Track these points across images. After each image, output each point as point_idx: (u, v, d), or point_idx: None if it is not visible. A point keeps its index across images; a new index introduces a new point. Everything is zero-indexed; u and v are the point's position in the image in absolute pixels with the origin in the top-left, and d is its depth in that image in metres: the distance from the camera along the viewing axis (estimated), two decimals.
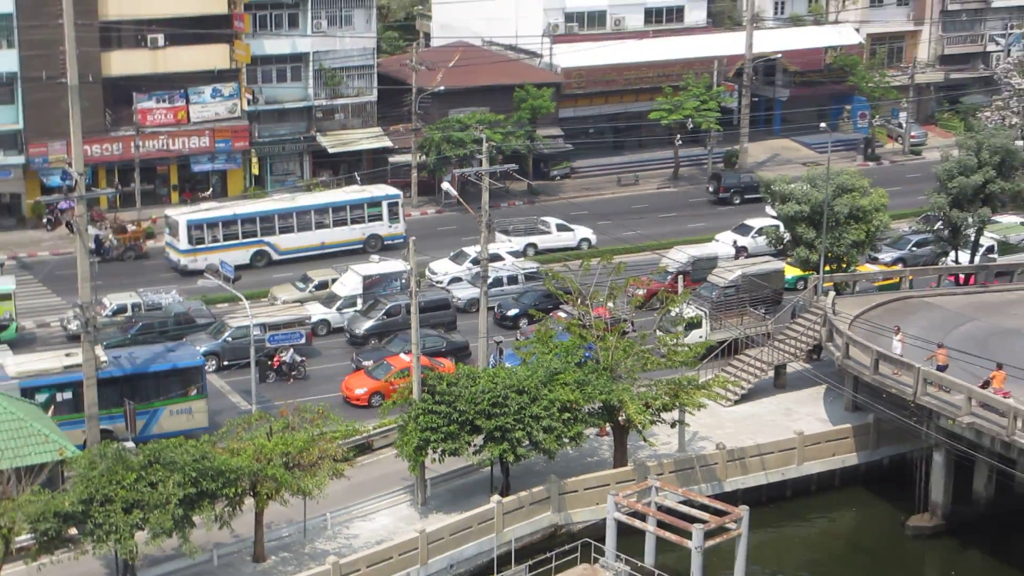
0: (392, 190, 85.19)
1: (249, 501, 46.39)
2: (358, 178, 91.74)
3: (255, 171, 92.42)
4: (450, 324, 68.98)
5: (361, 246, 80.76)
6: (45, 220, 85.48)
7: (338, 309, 69.71)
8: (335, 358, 66.47)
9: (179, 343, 61.15)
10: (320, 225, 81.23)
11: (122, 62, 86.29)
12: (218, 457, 45.32)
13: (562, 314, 65.52)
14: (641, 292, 65.04)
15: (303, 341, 65.10)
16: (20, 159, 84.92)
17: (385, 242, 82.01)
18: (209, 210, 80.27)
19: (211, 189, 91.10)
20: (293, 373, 63.19)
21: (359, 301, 69.99)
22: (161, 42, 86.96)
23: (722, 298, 65.39)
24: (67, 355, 55.91)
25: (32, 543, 43.32)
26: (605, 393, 51.28)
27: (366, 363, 63.48)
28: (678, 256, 74.09)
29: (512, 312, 69.46)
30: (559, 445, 50.45)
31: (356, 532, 49.78)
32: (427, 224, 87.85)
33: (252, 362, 57.28)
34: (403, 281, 70.42)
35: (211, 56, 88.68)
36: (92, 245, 77.17)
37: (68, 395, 54.25)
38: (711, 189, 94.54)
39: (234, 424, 49.59)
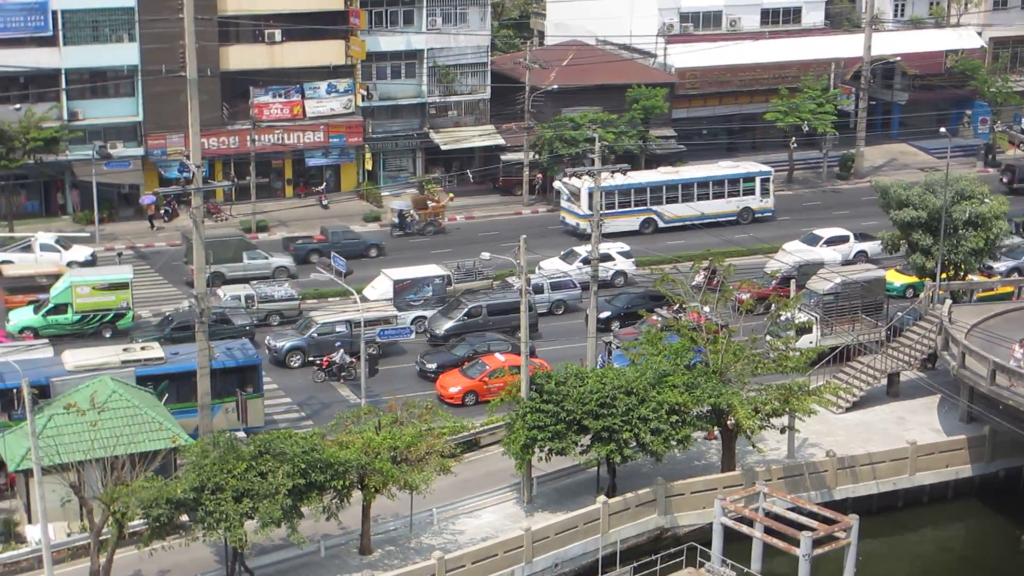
0: (765, 167, 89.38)
1: (357, 494, 46.64)
2: (470, 176, 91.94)
3: (368, 166, 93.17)
4: (531, 326, 68.39)
5: (735, 218, 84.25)
6: (162, 211, 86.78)
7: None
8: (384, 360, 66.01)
9: (239, 341, 61.56)
10: (701, 197, 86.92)
11: (240, 57, 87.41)
12: (327, 449, 45.65)
13: (655, 317, 65.36)
14: (746, 296, 64.40)
15: (412, 336, 65.38)
16: (139, 151, 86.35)
17: (756, 215, 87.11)
18: (606, 179, 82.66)
19: (324, 184, 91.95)
20: (343, 374, 63.15)
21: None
22: (278, 37, 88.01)
23: (821, 305, 64.44)
24: (124, 349, 56.44)
25: (144, 528, 43.94)
26: (714, 396, 50.87)
27: (430, 365, 63.43)
28: (784, 260, 73.38)
29: (604, 315, 68.85)
30: (666, 447, 50.13)
31: (462, 528, 49.86)
32: (538, 222, 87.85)
33: (363, 357, 57.49)
34: (435, 285, 70.05)
35: (327, 52, 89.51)
36: (395, 220, 79.51)
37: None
38: (1004, 180, 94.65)
39: (343, 417, 49.94)
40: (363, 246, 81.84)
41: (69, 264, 74.80)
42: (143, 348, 56.61)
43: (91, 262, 76.12)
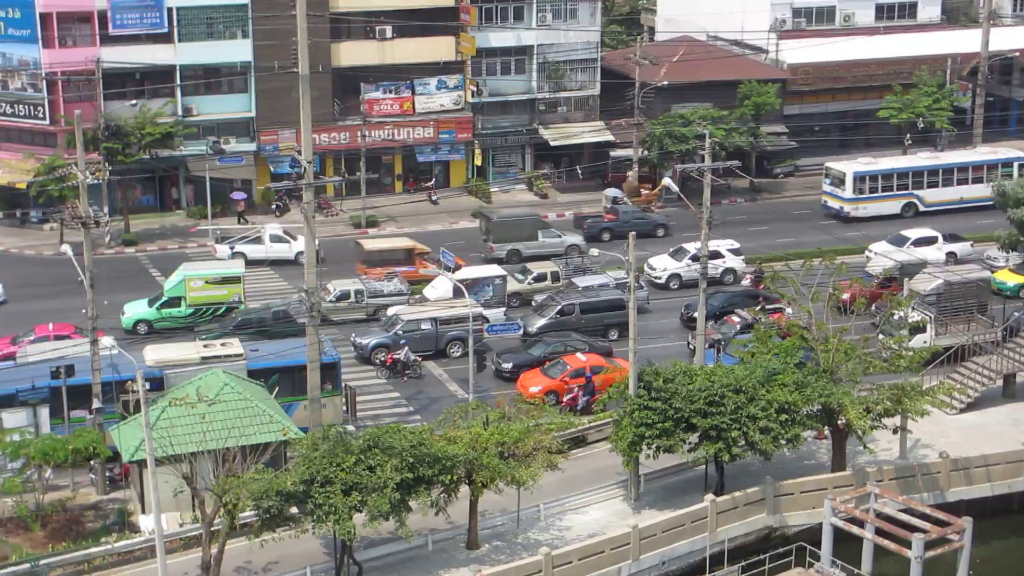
0: (1020, 153, 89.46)
1: (464, 489, 46.75)
2: (579, 172, 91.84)
3: (478, 162, 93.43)
4: (624, 325, 67.97)
5: (992, 203, 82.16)
6: (274, 206, 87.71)
7: None
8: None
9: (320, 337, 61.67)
10: (960, 182, 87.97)
11: (351, 53, 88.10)
12: (435, 444, 45.79)
13: (735, 318, 64.66)
14: (846, 296, 63.40)
15: (520, 332, 65.42)
16: (252, 146, 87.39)
17: None
18: (868, 164, 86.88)
19: (434, 179, 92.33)
20: (407, 372, 63.04)
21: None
22: (389, 34, 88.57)
23: (923, 306, 63.29)
24: (204, 346, 56.91)
25: (255, 520, 44.42)
26: (825, 396, 50.25)
27: (506, 364, 63.22)
28: (885, 260, 72.30)
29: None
30: (775, 446, 49.65)
31: (569, 524, 49.78)
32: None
33: (471, 352, 57.62)
34: (495, 286, 69.61)
35: (437, 48, 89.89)
36: (607, 207, 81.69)
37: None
38: None
39: (451, 412, 50.09)
40: (651, 225, 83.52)
41: (298, 255, 76.57)
42: (223, 344, 57.15)
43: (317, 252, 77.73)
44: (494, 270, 71.36)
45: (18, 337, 63.12)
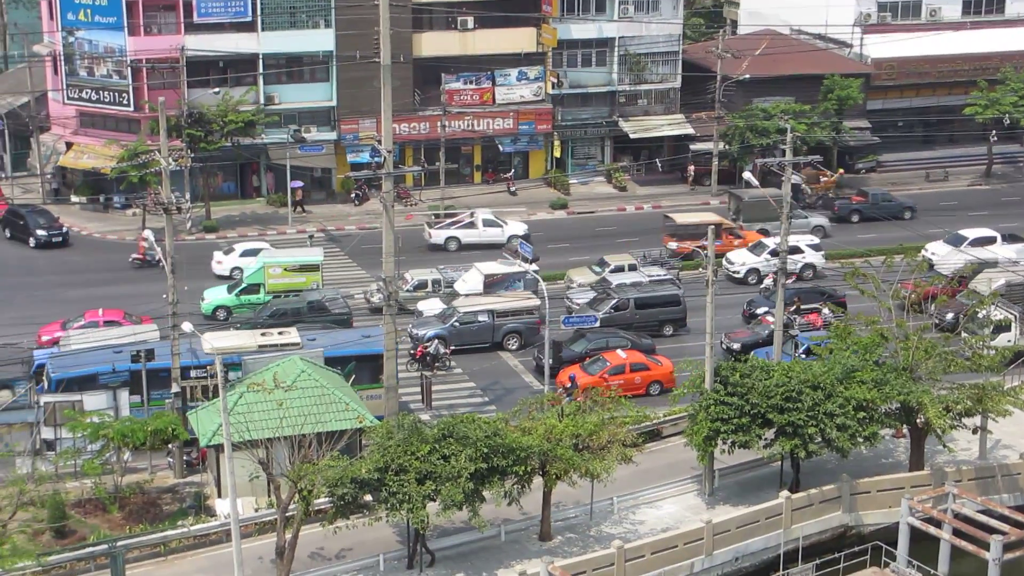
0: None
1: (538, 480, 46.76)
2: (659, 164, 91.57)
3: (557, 154, 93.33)
4: (679, 321, 67.56)
5: None
6: (353, 195, 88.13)
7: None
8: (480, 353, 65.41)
9: (372, 328, 61.87)
10: None
11: (432, 43, 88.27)
12: (510, 435, 45.78)
13: (770, 318, 64.21)
14: (912, 294, 62.40)
15: (596, 324, 65.27)
16: (332, 135, 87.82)
17: None
18: None
19: (513, 170, 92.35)
20: (436, 364, 62.71)
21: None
22: (471, 24, 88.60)
23: (1007, 305, 62.28)
24: (262, 334, 57.10)
25: (329, 506, 44.70)
26: (904, 394, 49.71)
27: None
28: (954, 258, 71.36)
29: (761, 310, 67.62)
30: (853, 444, 49.17)
31: (642, 518, 49.63)
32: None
33: (546, 344, 57.52)
34: (526, 281, 69.03)
35: (519, 39, 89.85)
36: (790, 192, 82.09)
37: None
38: None
39: (526, 403, 50.07)
40: (899, 208, 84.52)
41: (510, 238, 78.79)
42: (280, 333, 57.41)
43: (527, 236, 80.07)
44: (524, 267, 71.08)
45: (68, 322, 63.83)
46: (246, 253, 74.39)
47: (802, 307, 66.60)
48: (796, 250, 72.53)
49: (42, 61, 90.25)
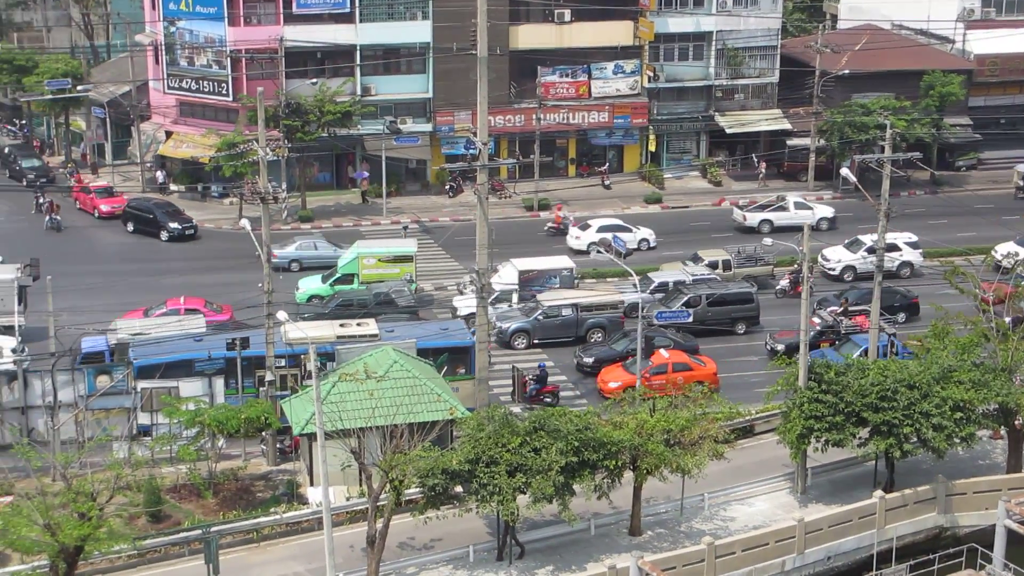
0: None
1: (628, 475, 46.64)
2: (755, 160, 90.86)
3: (652, 148, 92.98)
4: (752, 319, 66.79)
5: None
6: (448, 187, 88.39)
7: (491, 304, 67.82)
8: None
9: (453, 321, 61.51)
10: None
11: (529, 36, 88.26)
12: (601, 429, 45.71)
13: (816, 319, 63.41)
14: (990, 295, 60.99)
15: (690, 320, 64.91)
16: (427, 127, 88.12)
17: None
18: None
19: (607, 164, 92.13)
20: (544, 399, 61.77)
21: (515, 296, 68.06)
22: (567, 17, 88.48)
23: None
24: (340, 325, 57.26)
25: (420, 497, 44.88)
26: (1002, 395, 48.96)
27: (587, 359, 62.20)
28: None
29: (828, 309, 66.74)
30: (949, 445, 48.53)
31: (733, 515, 49.32)
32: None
33: (639, 338, 57.26)
34: (562, 277, 68.54)
35: (615, 32, 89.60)
36: (1021, 183, 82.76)
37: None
38: None
39: (618, 398, 49.92)
40: None
41: (820, 220, 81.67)
42: (358, 324, 57.60)
43: (832, 220, 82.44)
44: (563, 262, 70.68)
45: (150, 309, 64.59)
46: (603, 229, 78.01)
47: (850, 309, 65.64)
48: (893, 247, 71.61)
49: (144, 51, 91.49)
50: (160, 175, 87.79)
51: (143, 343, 56.17)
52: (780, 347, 62.79)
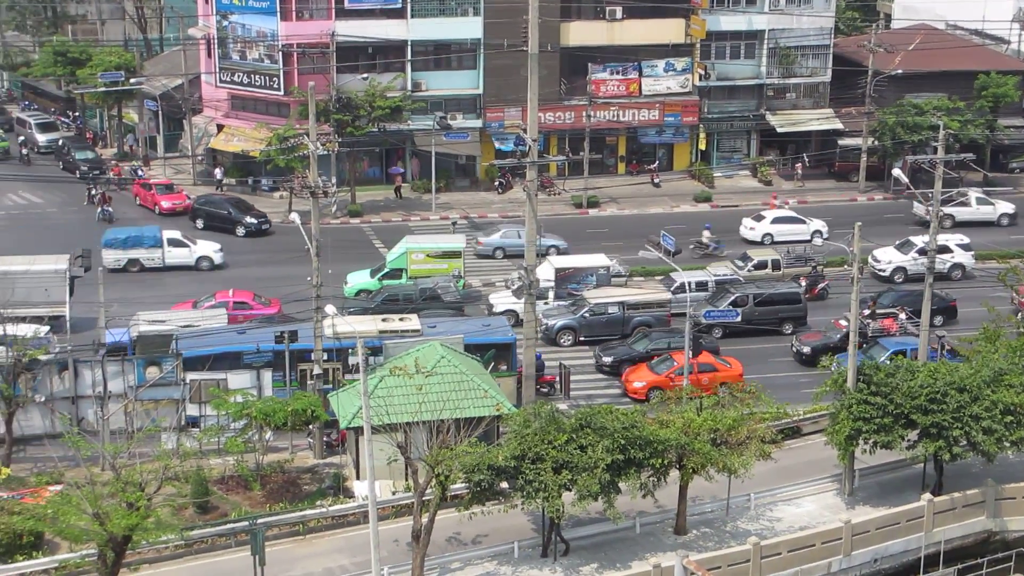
0: None
1: (674, 473, 46.48)
2: (806, 160, 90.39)
3: (702, 146, 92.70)
4: (800, 320, 66.31)
5: None
6: (496, 183, 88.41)
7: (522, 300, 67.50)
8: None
9: (495, 317, 61.37)
10: None
11: (580, 33, 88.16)
12: (647, 427, 45.60)
13: (843, 322, 62.87)
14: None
15: (738, 319, 64.67)
16: (477, 123, 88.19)
17: None
18: None
19: (657, 162, 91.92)
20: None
21: (551, 293, 67.61)
22: (619, 14, 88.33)
23: None
24: (383, 320, 57.37)
25: (466, 492, 44.91)
26: None
27: (606, 359, 61.96)
28: None
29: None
30: (999, 448, 48.11)
31: (779, 515, 49.08)
32: (873, 210, 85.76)
33: (687, 337, 57.08)
34: (599, 275, 68.19)
35: (667, 30, 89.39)
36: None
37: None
38: None
39: (664, 396, 49.80)
40: None
41: (1001, 216, 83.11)
42: (401, 319, 57.72)
43: (1013, 216, 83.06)
44: (599, 260, 70.45)
45: (199, 302, 64.96)
46: (777, 220, 79.59)
47: (877, 312, 65.11)
48: (945, 249, 71.09)
49: (196, 44, 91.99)
50: (218, 172, 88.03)
51: (191, 335, 56.51)
52: (806, 349, 62.54)
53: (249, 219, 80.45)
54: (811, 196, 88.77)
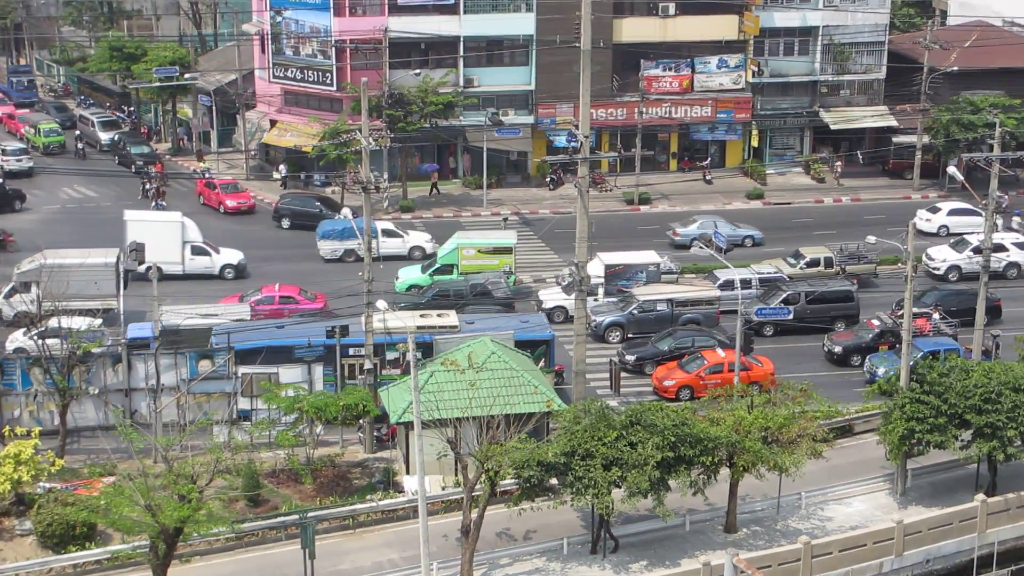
0: None
1: (724, 471, 46.30)
2: (859, 157, 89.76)
3: (754, 143, 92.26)
4: (852, 318, 65.74)
5: None
6: (548, 179, 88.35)
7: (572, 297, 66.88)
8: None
9: (532, 314, 61.14)
10: None
11: (633, 29, 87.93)
12: (697, 424, 45.46)
13: (875, 322, 62.74)
14: None
15: (790, 317, 64.37)
16: (529, 119, 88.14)
17: None
18: None
19: (709, 159, 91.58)
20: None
21: (600, 290, 67.11)
22: (672, 11, 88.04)
23: None
24: (421, 315, 57.40)
25: (515, 488, 44.94)
26: None
27: (629, 357, 61.52)
28: None
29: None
30: None
31: (830, 515, 48.80)
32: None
33: (739, 333, 56.81)
34: (649, 272, 67.78)
35: (720, 26, 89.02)
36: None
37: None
38: None
39: (715, 394, 49.63)
40: None
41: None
42: (439, 315, 57.75)
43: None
44: (650, 256, 70.13)
45: (246, 295, 65.25)
46: (953, 212, 79.57)
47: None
48: (1000, 248, 70.44)
49: (250, 40, 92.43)
50: (281, 169, 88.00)
51: (239, 329, 56.84)
52: (837, 349, 62.17)
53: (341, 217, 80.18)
54: (864, 194, 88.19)
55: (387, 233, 74.30)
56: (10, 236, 75.13)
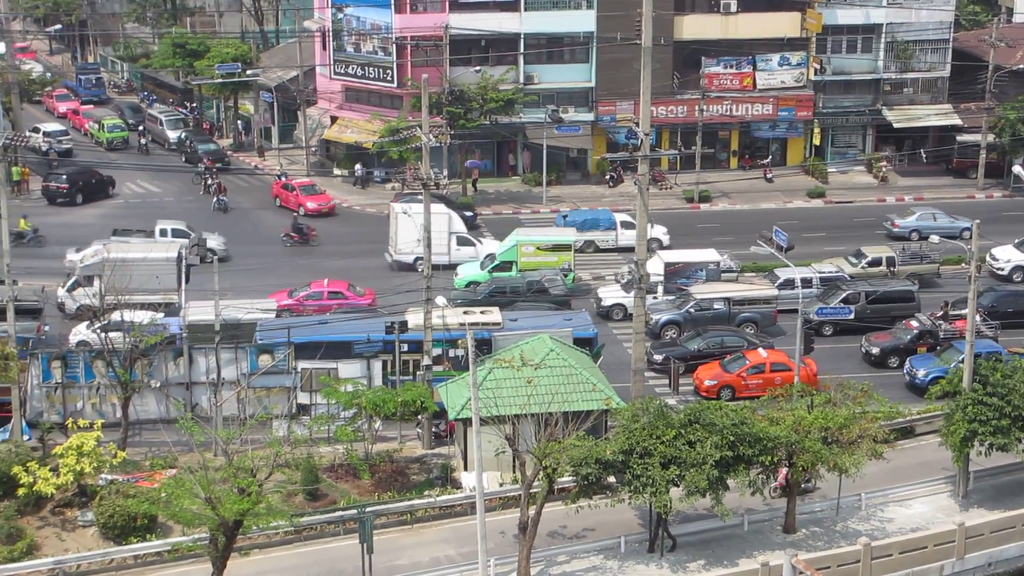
0: None
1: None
2: (923, 156, 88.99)
3: (816, 141, 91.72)
4: (911, 318, 65.11)
5: None
6: (608, 176, 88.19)
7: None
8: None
9: (576, 312, 61.06)
10: None
11: (694, 26, 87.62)
12: (757, 424, 45.21)
13: (914, 323, 62.33)
14: None
15: (851, 317, 63.93)
16: (589, 116, 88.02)
17: None
18: None
19: (770, 157, 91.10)
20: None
21: (660, 288, 66.66)
22: (733, 8, 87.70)
23: None
24: (464, 312, 57.35)
25: (573, 485, 44.88)
26: None
27: (657, 356, 60.93)
28: None
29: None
30: None
31: (890, 516, 48.40)
32: (993, 208, 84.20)
33: (799, 333, 56.42)
34: (708, 270, 67.31)
35: (782, 24, 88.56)
36: None
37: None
38: None
39: (776, 394, 49.33)
40: None
41: None
42: (482, 312, 57.68)
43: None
44: (710, 255, 69.70)
45: (295, 290, 65.49)
46: None
47: (951, 313, 63.73)
48: None
49: (311, 36, 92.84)
50: (358, 168, 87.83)
51: (299, 324, 57.13)
52: (875, 350, 61.63)
53: (468, 212, 79.65)
54: (928, 193, 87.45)
55: (625, 225, 74.82)
56: (313, 231, 76.72)
